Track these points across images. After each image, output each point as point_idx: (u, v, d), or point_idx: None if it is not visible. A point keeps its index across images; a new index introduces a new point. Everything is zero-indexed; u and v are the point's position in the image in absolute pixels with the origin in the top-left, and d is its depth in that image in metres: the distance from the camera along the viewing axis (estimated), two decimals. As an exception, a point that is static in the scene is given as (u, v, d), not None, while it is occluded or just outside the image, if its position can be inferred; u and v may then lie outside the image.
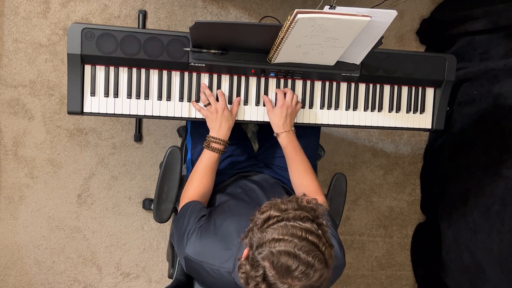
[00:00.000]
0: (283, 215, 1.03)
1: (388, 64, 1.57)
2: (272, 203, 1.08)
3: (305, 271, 0.97)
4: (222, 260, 1.21)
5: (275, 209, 1.06)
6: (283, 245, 0.98)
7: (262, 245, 1.00)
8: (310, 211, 1.06)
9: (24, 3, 2.10)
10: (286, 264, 0.97)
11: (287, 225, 1.01)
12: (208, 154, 1.45)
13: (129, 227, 2.30)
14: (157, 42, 1.42)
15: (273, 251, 0.98)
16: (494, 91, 1.98)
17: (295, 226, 1.00)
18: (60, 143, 2.19)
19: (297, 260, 0.97)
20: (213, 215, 1.33)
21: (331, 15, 1.24)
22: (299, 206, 1.06)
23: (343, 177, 1.65)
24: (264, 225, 1.04)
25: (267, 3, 2.28)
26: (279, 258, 0.98)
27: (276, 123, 1.49)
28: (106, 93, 1.46)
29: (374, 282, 2.56)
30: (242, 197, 1.47)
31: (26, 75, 2.13)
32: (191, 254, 1.25)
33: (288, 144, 1.48)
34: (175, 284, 1.48)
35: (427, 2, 2.41)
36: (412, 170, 2.53)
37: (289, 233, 0.99)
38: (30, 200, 2.21)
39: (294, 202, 1.07)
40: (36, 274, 2.27)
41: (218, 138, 1.45)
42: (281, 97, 1.50)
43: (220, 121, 1.45)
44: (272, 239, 1.00)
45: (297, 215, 1.03)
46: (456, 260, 2.15)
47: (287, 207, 1.05)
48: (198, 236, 1.26)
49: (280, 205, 1.06)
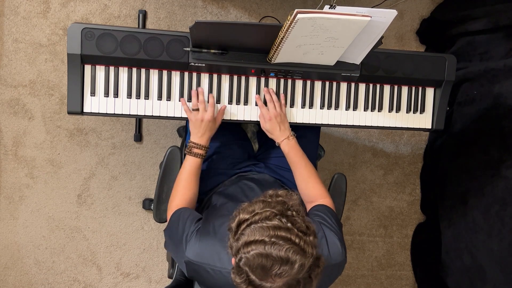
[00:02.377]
0: (251, 218, 1.06)
1: (388, 64, 1.57)
2: (240, 208, 1.11)
3: (281, 266, 1.00)
4: (223, 261, 1.21)
5: (243, 212, 1.08)
6: (254, 248, 1.01)
7: (239, 252, 1.04)
8: (277, 206, 1.07)
9: (24, 3, 2.10)
10: (261, 265, 1.00)
11: (255, 228, 1.03)
12: (190, 160, 1.46)
13: (129, 227, 2.30)
14: (157, 42, 1.42)
15: (247, 255, 1.01)
16: (494, 91, 1.98)
17: (263, 227, 1.03)
18: (60, 143, 2.19)
19: (270, 258, 1.00)
20: (211, 217, 1.33)
21: (331, 15, 1.24)
22: (265, 204, 1.08)
23: (343, 177, 1.65)
24: (238, 231, 1.06)
25: (267, 3, 2.28)
26: (254, 261, 1.01)
27: (274, 135, 1.51)
28: (106, 93, 1.46)
29: (374, 282, 2.56)
30: (240, 198, 1.47)
31: (26, 75, 2.13)
32: (192, 257, 1.25)
33: (290, 151, 1.49)
34: (174, 284, 1.48)
35: (427, 2, 2.41)
36: (412, 170, 2.53)
37: (258, 235, 1.02)
38: (30, 200, 2.21)
39: (260, 202, 1.09)
40: (36, 274, 2.27)
41: (200, 144, 1.46)
42: (265, 111, 1.51)
43: (203, 130, 1.46)
44: (244, 244, 1.03)
45: (263, 215, 1.05)
46: (456, 260, 2.15)
47: (254, 208, 1.08)
48: (198, 239, 1.26)
49: (247, 207, 1.09)
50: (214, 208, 1.44)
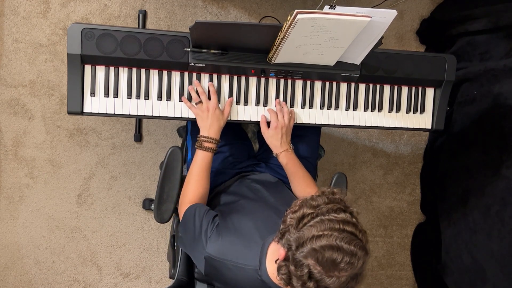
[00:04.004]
0: (317, 211, 1.05)
1: (388, 64, 1.57)
2: (302, 201, 1.10)
3: (350, 261, 1.00)
4: (246, 258, 1.21)
5: (307, 206, 1.08)
6: (324, 240, 1.00)
7: (303, 244, 1.02)
8: (340, 202, 1.08)
9: (24, 3, 2.10)
10: (331, 258, 1.00)
11: (323, 220, 1.03)
12: (201, 155, 1.44)
13: (129, 227, 2.30)
14: (157, 42, 1.42)
15: (315, 247, 1.01)
16: (494, 91, 1.98)
17: (331, 220, 1.03)
18: (60, 143, 2.19)
19: (341, 252, 1.00)
20: (227, 214, 1.32)
21: (331, 15, 1.24)
22: (329, 199, 1.08)
23: (343, 177, 1.65)
24: (300, 224, 1.05)
25: (267, 3, 2.28)
26: (323, 253, 1.00)
27: (274, 144, 1.50)
28: (106, 93, 1.46)
29: (374, 282, 2.56)
30: (250, 196, 1.46)
31: (26, 75, 2.13)
32: (214, 253, 1.23)
33: (288, 162, 1.50)
34: (177, 284, 1.48)
35: (427, 2, 2.41)
36: (412, 170, 2.53)
37: (327, 228, 1.02)
38: (30, 200, 2.21)
39: (324, 196, 1.09)
40: (36, 274, 2.27)
41: (210, 136, 1.43)
42: (274, 118, 1.50)
43: (211, 120, 1.44)
44: (312, 236, 1.02)
45: (330, 208, 1.05)
46: (456, 260, 2.15)
47: (318, 203, 1.07)
48: (219, 235, 1.25)
49: (310, 202, 1.09)
50: (227, 206, 1.43)
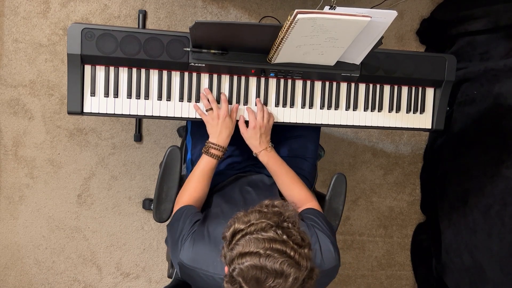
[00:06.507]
0: (246, 229, 1.04)
1: (388, 64, 1.57)
2: (236, 217, 1.09)
3: (275, 279, 0.98)
4: (216, 267, 1.21)
5: (239, 222, 1.07)
6: (249, 259, 1.00)
7: (233, 262, 1.02)
8: (273, 217, 1.06)
9: (24, 3, 2.10)
10: (255, 277, 0.99)
11: (250, 239, 1.02)
12: (206, 160, 1.46)
13: (129, 227, 2.30)
14: (157, 42, 1.42)
15: (241, 267, 1.00)
16: (494, 91, 1.98)
17: (258, 238, 1.01)
18: (60, 143, 2.19)
19: (265, 271, 0.98)
20: (207, 220, 1.33)
21: (331, 15, 1.24)
22: (261, 215, 1.07)
23: (343, 177, 1.65)
24: (232, 241, 1.05)
25: (267, 3, 2.28)
26: (248, 272, 0.99)
27: (253, 144, 1.50)
28: (106, 93, 1.46)
29: (374, 282, 2.56)
30: (237, 200, 1.47)
31: (26, 75, 2.13)
32: (185, 260, 1.25)
33: (269, 161, 1.49)
34: (174, 283, 1.48)
35: (427, 2, 2.41)
36: (412, 170, 2.53)
37: (253, 246, 1.01)
38: (30, 200, 2.21)
39: (256, 212, 1.08)
40: (36, 274, 2.27)
41: (218, 144, 1.45)
42: (252, 118, 1.50)
43: (220, 127, 1.46)
44: (239, 255, 1.01)
45: (258, 226, 1.04)
46: (456, 260, 2.15)
47: (250, 219, 1.06)
48: (192, 242, 1.26)
49: (243, 217, 1.08)
50: (212, 209, 1.44)
